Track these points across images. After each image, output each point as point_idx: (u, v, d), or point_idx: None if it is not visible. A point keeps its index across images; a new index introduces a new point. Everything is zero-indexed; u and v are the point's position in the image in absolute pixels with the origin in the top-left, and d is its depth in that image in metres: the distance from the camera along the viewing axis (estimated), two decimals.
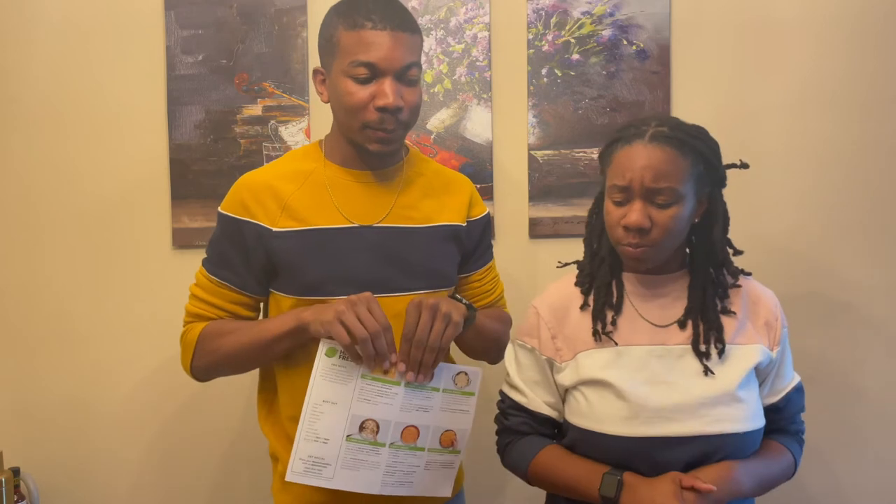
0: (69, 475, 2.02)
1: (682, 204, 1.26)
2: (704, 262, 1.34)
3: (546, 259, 1.93)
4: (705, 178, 1.30)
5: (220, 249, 1.42)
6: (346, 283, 1.37)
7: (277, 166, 1.45)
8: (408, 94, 1.35)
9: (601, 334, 1.32)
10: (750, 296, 1.37)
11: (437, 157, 1.95)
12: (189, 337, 1.43)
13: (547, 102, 1.94)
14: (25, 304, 2.01)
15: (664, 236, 1.26)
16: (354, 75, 1.32)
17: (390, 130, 1.34)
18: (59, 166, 1.99)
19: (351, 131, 1.38)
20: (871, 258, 1.92)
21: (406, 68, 1.33)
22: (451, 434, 1.36)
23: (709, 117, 1.90)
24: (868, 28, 1.89)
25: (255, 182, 1.41)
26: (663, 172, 1.24)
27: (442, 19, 1.94)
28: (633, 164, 1.25)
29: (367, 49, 1.31)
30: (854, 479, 1.94)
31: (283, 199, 1.39)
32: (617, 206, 1.28)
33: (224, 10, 1.95)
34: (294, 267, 1.38)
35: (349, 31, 1.32)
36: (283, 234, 1.38)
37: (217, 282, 1.42)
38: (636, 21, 1.91)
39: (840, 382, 1.92)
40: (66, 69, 1.98)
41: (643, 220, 1.25)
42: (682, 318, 1.33)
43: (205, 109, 1.97)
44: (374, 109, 1.33)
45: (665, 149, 1.25)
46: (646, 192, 1.25)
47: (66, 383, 2.01)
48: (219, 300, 1.42)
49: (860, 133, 1.90)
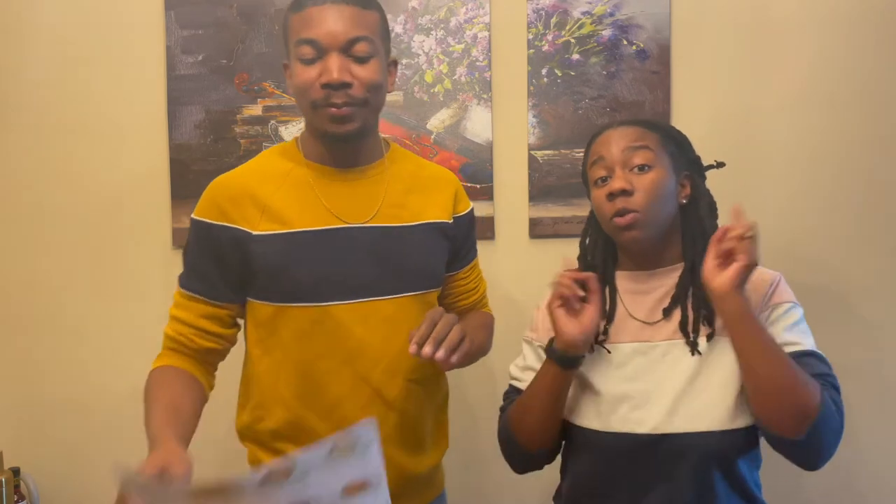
0: (69, 475, 2.02)
1: (661, 170, 1.30)
2: (696, 245, 1.33)
3: (546, 259, 1.92)
4: (679, 157, 1.35)
5: (192, 259, 1.35)
6: (335, 287, 1.30)
7: (253, 166, 1.37)
8: (358, 71, 1.26)
9: (593, 345, 1.33)
10: (749, 282, 1.30)
11: (437, 157, 1.95)
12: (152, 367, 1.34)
13: (547, 102, 1.94)
14: (25, 303, 2.01)
15: (648, 199, 1.28)
16: (301, 56, 1.27)
17: (340, 105, 1.26)
18: (60, 166, 1.99)
19: (308, 117, 1.32)
20: (872, 257, 1.92)
21: (351, 42, 1.25)
22: (356, 484, 1.03)
23: (709, 117, 1.91)
24: (868, 28, 1.89)
25: (231, 184, 1.33)
26: (636, 138, 1.32)
27: (442, 19, 1.94)
28: (607, 140, 1.33)
29: (309, 26, 1.25)
30: (855, 476, 1.94)
31: (261, 200, 1.31)
32: (600, 187, 1.32)
33: (224, 10, 1.95)
34: (276, 272, 1.30)
35: (294, 13, 1.28)
36: (263, 237, 1.29)
37: (188, 295, 1.34)
38: (636, 21, 1.91)
39: (840, 380, 1.92)
40: (66, 69, 1.98)
41: (624, 184, 1.28)
42: (668, 307, 1.32)
43: (205, 109, 1.97)
44: (319, 87, 1.26)
45: (635, 127, 1.34)
46: (624, 161, 1.30)
47: (67, 383, 2.01)
48: (189, 315, 1.33)
49: (860, 132, 1.90)
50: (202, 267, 1.33)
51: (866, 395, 1.92)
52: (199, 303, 1.34)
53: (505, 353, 1.54)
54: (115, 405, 2.01)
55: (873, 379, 1.92)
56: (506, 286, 1.94)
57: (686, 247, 1.35)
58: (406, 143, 1.95)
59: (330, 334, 1.30)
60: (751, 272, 1.18)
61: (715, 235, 1.21)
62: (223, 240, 1.31)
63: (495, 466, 1.78)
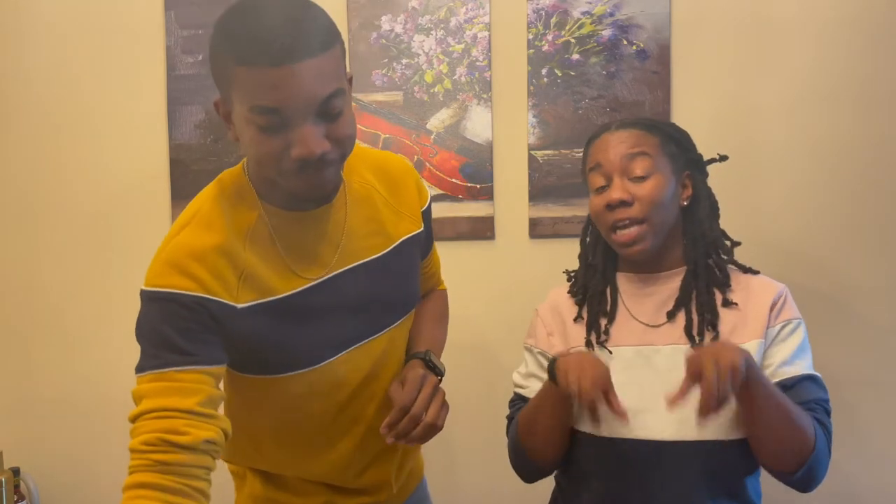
0: (69, 475, 2.02)
1: (661, 176, 1.28)
2: (697, 248, 1.33)
3: (546, 259, 1.92)
4: (679, 157, 1.33)
5: (157, 339, 1.05)
6: (329, 346, 1.17)
7: (216, 219, 1.10)
8: (334, 130, 1.03)
9: (595, 344, 1.32)
10: (754, 290, 1.32)
11: (437, 156, 1.95)
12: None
13: (547, 102, 1.94)
14: (25, 303, 2.01)
15: (649, 209, 1.27)
16: (258, 123, 1.00)
17: (316, 177, 1.05)
18: (60, 166, 1.99)
19: (263, 181, 1.11)
20: (873, 258, 1.91)
21: (324, 104, 1.01)
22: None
23: (709, 117, 1.91)
24: (868, 27, 1.89)
25: (199, 245, 1.07)
26: (634, 143, 1.29)
27: (442, 19, 1.94)
28: (605, 146, 1.31)
29: (266, 92, 0.98)
30: (857, 480, 1.94)
31: (240, 264, 1.09)
32: (599, 194, 1.31)
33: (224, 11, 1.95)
34: (267, 346, 1.12)
35: (241, 67, 0.99)
36: (248, 309, 1.09)
37: (169, 374, 1.03)
38: (636, 21, 1.91)
39: (841, 383, 1.92)
40: (66, 69, 1.98)
41: (623, 194, 1.27)
42: (672, 310, 1.30)
43: (205, 109, 1.97)
44: (292, 160, 1.02)
45: (633, 129, 1.31)
46: (622, 169, 1.28)
47: (66, 383, 2.02)
48: (172, 400, 1.02)
49: (860, 132, 1.90)
50: (172, 341, 1.04)
51: (865, 397, 1.92)
52: (187, 373, 1.04)
53: (504, 354, 1.54)
54: (115, 405, 2.00)
55: (873, 380, 1.92)
56: (506, 286, 1.94)
57: (687, 249, 1.34)
58: (406, 142, 1.95)
59: (325, 392, 1.20)
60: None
61: (689, 361, 1.13)
62: (198, 313, 1.05)
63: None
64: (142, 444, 1.01)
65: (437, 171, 1.95)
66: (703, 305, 1.29)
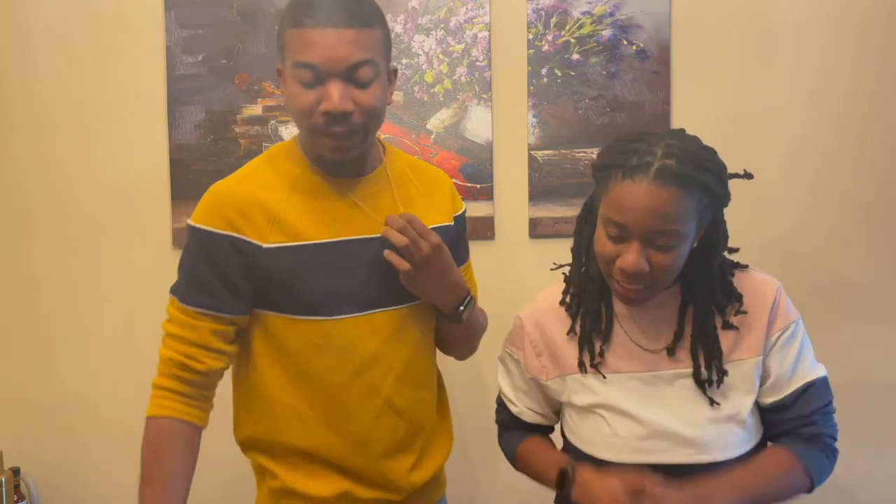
0: (69, 475, 2.02)
1: (684, 244, 1.17)
2: (700, 285, 1.24)
3: (546, 259, 1.90)
4: (709, 207, 1.19)
5: (194, 272, 1.27)
6: (347, 301, 1.28)
7: (257, 172, 1.32)
8: (360, 96, 1.21)
9: (588, 366, 1.27)
10: (748, 296, 1.26)
11: (437, 157, 1.95)
12: (150, 405, 1.28)
13: (547, 102, 1.94)
14: (25, 303, 2.01)
15: (662, 277, 1.18)
16: (299, 78, 1.21)
17: (341, 136, 1.22)
18: (60, 166, 1.99)
19: (306, 138, 1.29)
20: (874, 259, 1.92)
21: (353, 68, 1.19)
22: None
23: (709, 117, 1.91)
24: (868, 28, 1.89)
25: (236, 192, 1.28)
26: (666, 216, 1.13)
27: (442, 19, 1.94)
28: (634, 203, 1.13)
29: (308, 49, 1.19)
30: (856, 479, 1.94)
31: (271, 211, 1.26)
32: (611, 241, 1.18)
33: (224, 10, 1.95)
34: (288, 286, 1.26)
35: (292, 29, 1.21)
36: (274, 250, 1.25)
37: (191, 311, 1.26)
38: (636, 21, 1.91)
39: (841, 383, 1.92)
40: (66, 69, 1.98)
41: (641, 265, 1.14)
42: (671, 346, 1.24)
43: (205, 109, 1.97)
44: (320, 114, 1.20)
45: (670, 189, 1.12)
46: (645, 235, 1.14)
47: (67, 383, 2.01)
48: (196, 334, 1.26)
49: (860, 132, 1.90)
50: (205, 279, 1.26)
51: (864, 396, 1.92)
52: (206, 319, 1.26)
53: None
54: (115, 405, 2.01)
55: (873, 379, 1.92)
56: (506, 286, 1.94)
57: (690, 284, 1.25)
58: (406, 142, 1.95)
59: (341, 348, 1.28)
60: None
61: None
62: (230, 250, 1.25)
63: (491, 469, 1.79)
64: (168, 358, 1.27)
65: None
66: (702, 337, 1.23)
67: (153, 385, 1.28)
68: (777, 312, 1.25)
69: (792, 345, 1.25)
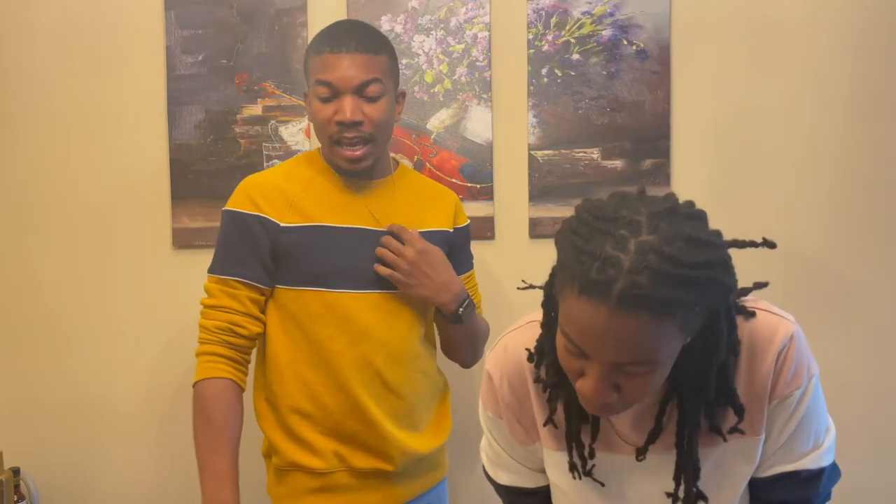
0: (69, 475, 2.02)
1: (664, 366, 0.90)
2: (690, 385, 0.97)
3: (546, 259, 1.91)
4: (701, 313, 0.88)
5: (229, 248, 1.49)
6: (347, 277, 1.49)
7: (283, 169, 1.57)
8: (369, 109, 1.46)
9: (581, 476, 1.06)
10: (751, 357, 1.00)
11: (437, 157, 1.95)
12: (201, 370, 1.47)
13: (547, 102, 1.94)
14: (25, 303, 2.01)
15: (636, 398, 0.92)
16: (319, 94, 1.46)
17: (353, 143, 1.46)
18: (59, 166, 1.99)
19: (325, 151, 1.53)
20: (874, 259, 1.92)
21: (363, 85, 1.45)
22: None
23: (709, 117, 1.91)
24: (869, 28, 1.89)
25: (262, 181, 1.53)
26: (634, 348, 0.85)
27: (442, 19, 1.94)
28: (591, 329, 0.85)
29: (326, 70, 1.45)
30: (857, 479, 1.94)
31: (289, 197, 1.50)
32: (571, 355, 0.91)
33: (224, 10, 1.95)
34: (298, 259, 1.48)
35: (314, 56, 1.48)
36: (290, 228, 1.48)
37: (231, 282, 1.48)
38: (636, 21, 1.91)
39: (841, 383, 1.92)
40: (66, 69, 1.98)
41: (605, 396, 0.89)
42: (643, 448, 1.03)
43: (205, 109, 1.97)
44: (335, 123, 1.45)
45: (638, 315, 0.82)
46: (615, 366, 0.88)
47: (67, 383, 2.01)
48: (236, 302, 1.47)
49: (860, 132, 1.90)
50: (241, 253, 1.48)
51: (865, 397, 1.92)
52: (244, 288, 1.48)
53: None
54: (115, 405, 2.01)
55: (874, 380, 1.92)
56: (506, 286, 1.94)
57: (673, 382, 0.98)
58: (406, 142, 1.95)
59: (339, 318, 1.48)
60: None
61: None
62: (256, 227, 1.48)
63: None
64: (214, 327, 1.47)
65: (436, 171, 1.95)
66: (680, 447, 1.01)
67: (200, 353, 1.47)
68: (781, 372, 1.00)
69: (794, 416, 1.02)
